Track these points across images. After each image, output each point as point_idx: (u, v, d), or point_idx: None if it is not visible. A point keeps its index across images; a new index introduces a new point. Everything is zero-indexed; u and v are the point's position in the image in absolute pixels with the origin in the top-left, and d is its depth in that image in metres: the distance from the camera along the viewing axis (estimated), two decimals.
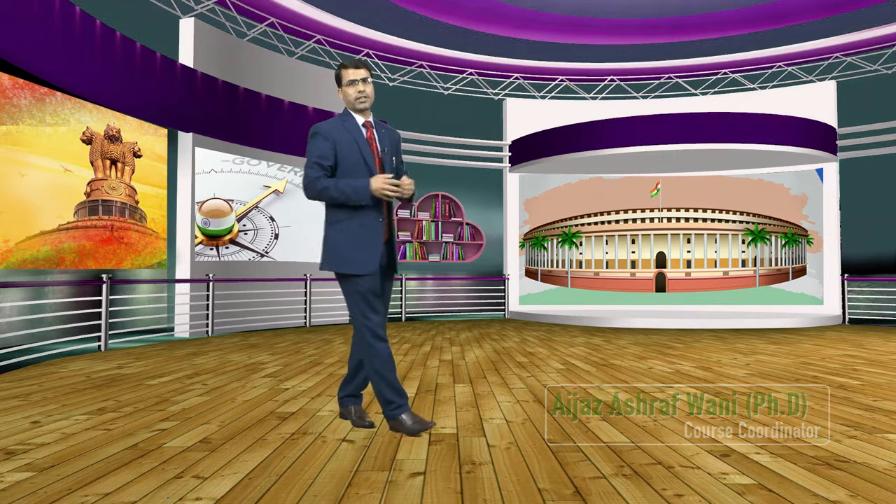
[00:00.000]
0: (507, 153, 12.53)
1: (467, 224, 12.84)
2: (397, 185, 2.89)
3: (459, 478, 2.31)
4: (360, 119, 3.08)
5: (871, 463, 2.45)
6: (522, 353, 6.38)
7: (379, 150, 3.07)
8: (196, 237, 9.29)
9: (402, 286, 11.58)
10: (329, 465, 2.48)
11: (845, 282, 10.89)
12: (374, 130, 3.09)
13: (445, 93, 13.07)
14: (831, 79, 12.07)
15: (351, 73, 3.02)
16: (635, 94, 13.27)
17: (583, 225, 12.38)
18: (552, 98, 13.30)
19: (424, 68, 12.54)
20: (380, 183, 2.88)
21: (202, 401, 3.82)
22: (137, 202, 8.46)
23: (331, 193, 2.93)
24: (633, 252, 12.18)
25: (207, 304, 8.68)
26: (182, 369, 5.22)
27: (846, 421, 3.20)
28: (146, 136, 8.65)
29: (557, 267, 12.42)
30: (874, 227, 11.59)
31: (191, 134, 9.14)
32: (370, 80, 3.07)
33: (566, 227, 12.38)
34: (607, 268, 12.29)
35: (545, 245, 12.46)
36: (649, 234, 12.12)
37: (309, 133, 3.03)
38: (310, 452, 2.66)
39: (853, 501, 2.03)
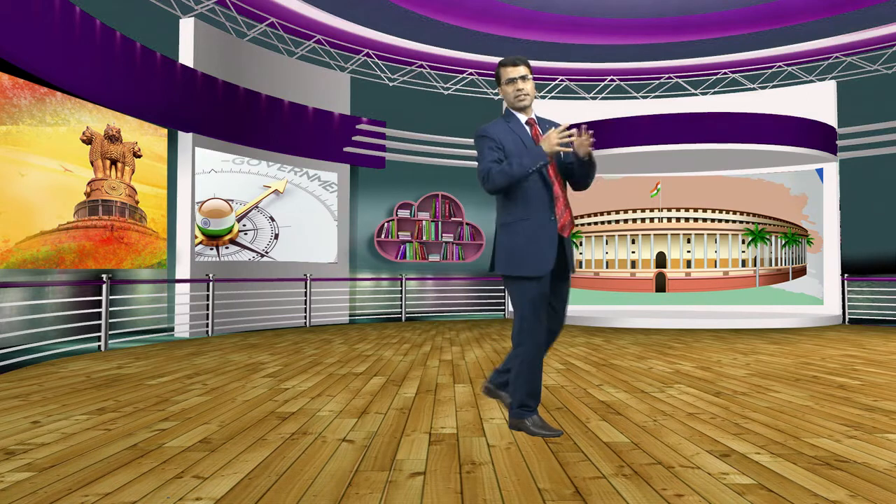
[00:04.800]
0: None
1: (467, 224, 12.84)
2: (568, 133, 2.76)
3: (459, 478, 2.31)
4: (522, 118, 3.01)
5: (871, 463, 2.45)
6: None
7: None
8: (196, 237, 9.29)
9: (402, 286, 11.58)
10: (329, 465, 2.48)
11: (845, 282, 10.89)
12: (539, 127, 3.02)
13: (445, 93, 13.07)
14: (831, 79, 12.07)
15: (510, 71, 2.95)
16: (635, 94, 13.27)
17: (583, 225, 12.38)
18: (552, 98, 13.29)
19: (424, 68, 12.54)
20: (551, 138, 2.75)
21: (202, 401, 3.82)
22: (137, 202, 8.46)
23: (508, 171, 2.80)
24: (633, 252, 12.18)
25: (207, 304, 8.68)
26: (182, 369, 5.22)
27: (846, 421, 3.19)
28: (146, 136, 8.65)
29: None
30: (874, 227, 11.59)
31: (191, 134, 9.14)
32: (530, 76, 2.97)
33: None
34: (607, 268, 12.29)
35: None
36: (649, 234, 12.12)
37: (475, 135, 2.99)
38: (310, 452, 2.66)
39: (853, 501, 2.03)
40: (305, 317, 10.22)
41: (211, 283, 8.68)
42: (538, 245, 2.89)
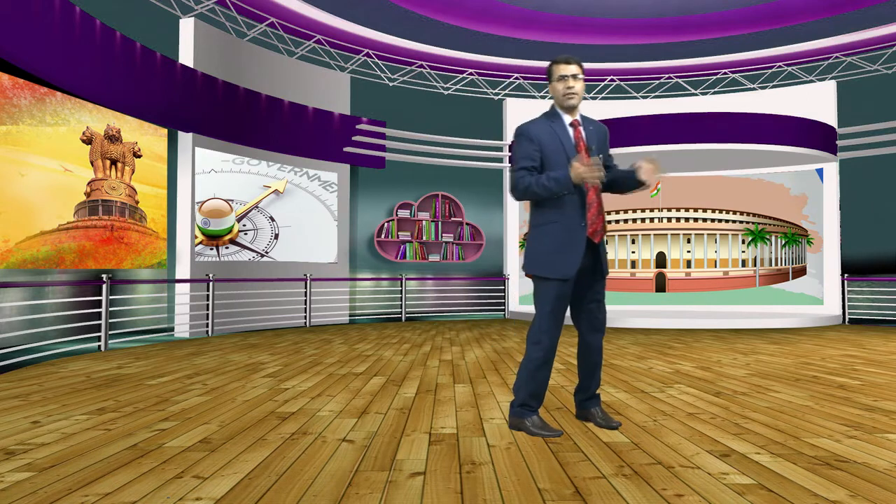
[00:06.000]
0: (507, 153, 12.53)
1: (467, 224, 12.84)
2: (597, 167, 2.80)
3: (459, 478, 2.31)
4: (567, 118, 3.03)
5: (871, 463, 2.45)
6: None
7: (586, 148, 2.98)
8: (196, 237, 9.29)
9: (401, 286, 11.58)
10: (329, 465, 2.48)
11: (845, 282, 10.89)
12: (582, 129, 3.03)
13: (445, 93, 13.06)
14: (831, 79, 12.06)
15: (561, 69, 2.97)
16: (635, 94, 13.27)
17: None
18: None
19: (424, 68, 12.54)
20: (579, 170, 2.78)
21: (202, 401, 3.82)
22: (137, 202, 8.46)
23: (534, 190, 2.88)
24: (633, 252, 12.18)
25: (207, 304, 8.68)
26: (182, 369, 5.22)
27: (846, 421, 3.19)
28: (146, 136, 8.65)
29: None
30: (874, 227, 11.58)
31: (191, 134, 9.14)
32: (581, 76, 2.98)
33: None
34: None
35: None
36: (649, 234, 12.12)
37: (515, 133, 3.03)
38: (310, 452, 2.66)
39: (853, 501, 2.03)
40: (305, 317, 10.22)
41: (211, 283, 8.68)
42: (565, 248, 2.92)
